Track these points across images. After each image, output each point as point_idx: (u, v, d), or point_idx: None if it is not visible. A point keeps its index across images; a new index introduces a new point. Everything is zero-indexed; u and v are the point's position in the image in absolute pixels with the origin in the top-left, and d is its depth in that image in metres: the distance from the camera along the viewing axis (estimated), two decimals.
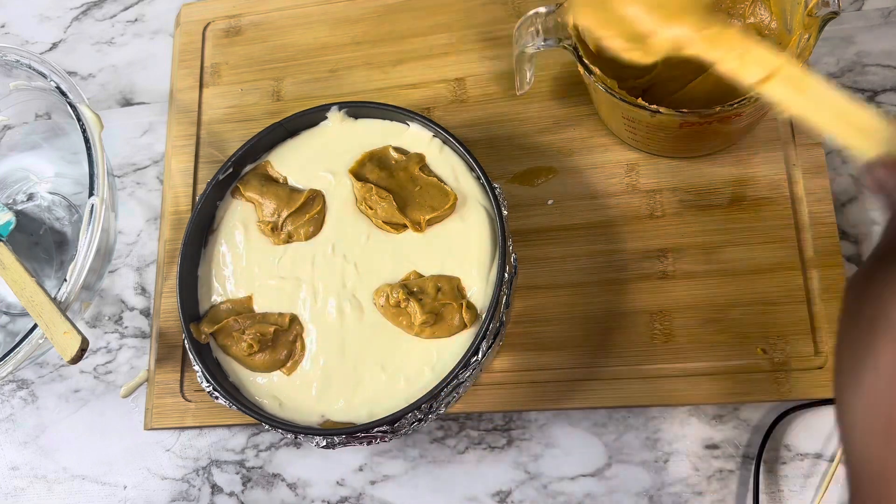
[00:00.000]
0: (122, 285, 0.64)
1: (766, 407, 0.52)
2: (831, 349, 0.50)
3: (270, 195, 0.54)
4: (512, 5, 0.62)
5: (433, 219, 0.51)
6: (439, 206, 0.51)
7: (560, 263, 0.55)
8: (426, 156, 0.53)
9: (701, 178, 0.55)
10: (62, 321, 0.51)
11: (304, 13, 0.66)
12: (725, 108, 0.46)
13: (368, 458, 0.56)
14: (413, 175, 0.52)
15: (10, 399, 0.63)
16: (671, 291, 0.53)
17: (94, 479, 0.60)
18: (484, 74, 0.61)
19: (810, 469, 0.50)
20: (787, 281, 0.52)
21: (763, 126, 0.55)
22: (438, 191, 0.51)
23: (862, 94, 0.56)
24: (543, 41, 0.50)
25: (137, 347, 0.62)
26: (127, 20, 0.72)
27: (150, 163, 0.67)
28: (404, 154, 0.53)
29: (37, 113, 0.66)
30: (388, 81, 0.63)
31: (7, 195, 0.66)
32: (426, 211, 0.51)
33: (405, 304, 0.49)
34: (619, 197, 0.56)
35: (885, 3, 0.58)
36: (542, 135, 0.59)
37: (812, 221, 0.53)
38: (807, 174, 0.54)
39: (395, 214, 0.51)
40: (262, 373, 0.51)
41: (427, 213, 0.51)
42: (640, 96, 0.47)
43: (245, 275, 0.53)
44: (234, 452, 0.58)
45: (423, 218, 0.51)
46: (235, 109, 0.65)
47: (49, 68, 0.57)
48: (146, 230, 0.65)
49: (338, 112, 0.55)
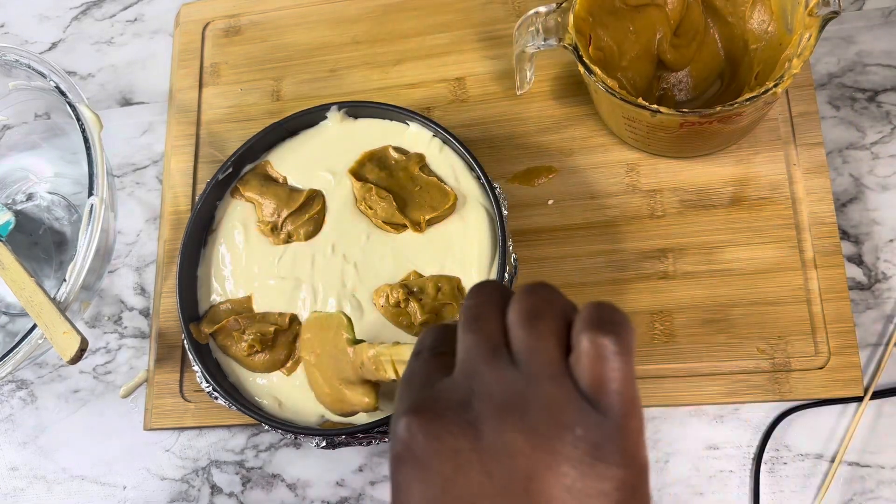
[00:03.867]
0: (121, 285, 0.64)
1: (766, 407, 0.51)
2: (831, 349, 0.50)
3: (270, 195, 0.54)
4: (512, 5, 0.62)
5: (433, 219, 0.51)
6: (439, 206, 0.51)
7: (560, 263, 0.55)
8: (426, 156, 0.53)
9: (701, 178, 0.55)
10: (61, 321, 0.51)
11: (304, 13, 0.66)
12: (725, 107, 0.46)
13: (368, 458, 0.56)
14: (413, 175, 0.52)
15: (9, 399, 0.63)
16: (671, 291, 0.53)
17: (94, 479, 0.60)
18: (484, 74, 0.61)
19: (810, 469, 0.50)
20: (788, 281, 0.52)
21: (763, 126, 0.55)
22: (438, 191, 0.51)
23: (862, 93, 0.56)
24: (543, 41, 0.50)
25: (137, 348, 0.62)
26: (126, 20, 0.72)
27: (150, 163, 0.67)
28: (404, 154, 0.53)
29: (36, 113, 0.66)
30: (388, 81, 0.63)
31: (6, 195, 0.66)
32: (426, 211, 0.51)
33: (405, 304, 0.49)
34: (620, 197, 0.56)
35: (886, 3, 0.58)
36: (542, 135, 0.58)
37: (812, 221, 0.53)
38: (807, 174, 0.54)
39: (395, 214, 0.51)
40: (261, 373, 0.51)
41: (427, 213, 0.51)
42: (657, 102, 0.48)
43: (245, 275, 0.53)
44: (233, 453, 0.58)
45: (423, 218, 0.51)
46: (235, 109, 0.65)
47: (48, 68, 0.57)
48: (146, 230, 0.65)
49: (337, 112, 0.55)
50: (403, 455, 0.27)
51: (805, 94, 0.55)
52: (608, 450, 0.24)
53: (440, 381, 0.28)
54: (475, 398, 0.26)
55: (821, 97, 0.56)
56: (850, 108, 0.56)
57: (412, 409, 0.27)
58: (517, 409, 0.25)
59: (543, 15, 0.50)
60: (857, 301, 0.52)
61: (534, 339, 0.27)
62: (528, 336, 0.27)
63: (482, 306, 0.29)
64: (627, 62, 0.53)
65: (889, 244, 0.53)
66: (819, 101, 0.56)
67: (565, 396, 0.25)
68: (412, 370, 0.30)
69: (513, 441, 0.25)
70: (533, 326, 0.27)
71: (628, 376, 0.26)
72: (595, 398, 0.25)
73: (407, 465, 0.27)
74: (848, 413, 0.51)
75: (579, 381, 0.26)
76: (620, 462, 0.25)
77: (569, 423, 0.25)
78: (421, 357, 0.30)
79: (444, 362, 0.29)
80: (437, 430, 0.26)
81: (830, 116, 0.56)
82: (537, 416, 0.25)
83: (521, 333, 0.27)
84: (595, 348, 0.25)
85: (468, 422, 0.26)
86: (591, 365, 0.25)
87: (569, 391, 0.25)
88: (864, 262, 0.53)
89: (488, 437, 0.25)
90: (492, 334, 0.28)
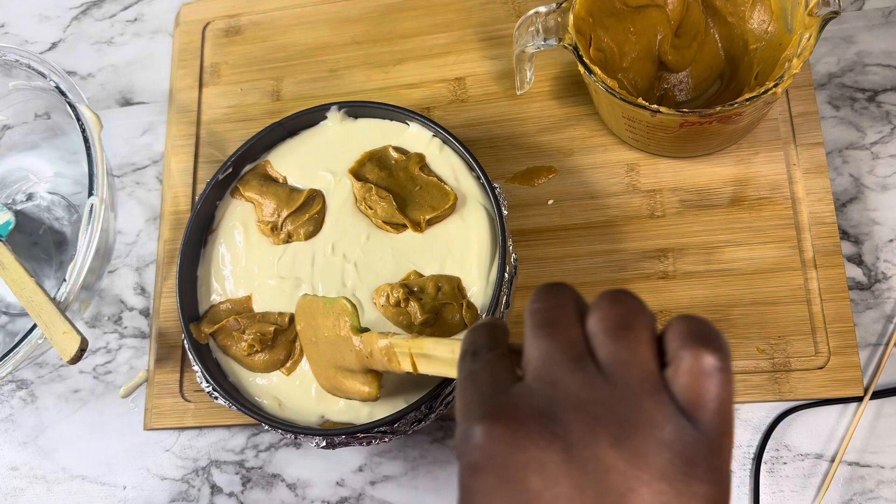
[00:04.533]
0: (121, 285, 0.64)
1: (766, 407, 0.51)
2: (831, 349, 0.50)
3: (270, 195, 0.54)
4: (512, 5, 0.62)
5: (433, 219, 0.51)
6: (439, 206, 0.51)
7: (560, 263, 0.55)
8: (426, 155, 0.53)
9: (701, 178, 0.55)
10: (61, 321, 0.51)
11: (304, 13, 0.66)
12: (725, 107, 0.46)
13: (368, 459, 0.56)
14: (413, 175, 0.52)
15: (9, 399, 0.63)
16: (671, 291, 0.53)
17: (94, 479, 0.60)
18: (484, 74, 0.61)
19: (810, 469, 0.50)
20: (788, 281, 0.52)
21: (763, 126, 0.55)
22: (438, 191, 0.51)
23: (862, 93, 0.56)
24: (543, 41, 0.50)
25: (137, 347, 0.62)
26: (126, 20, 0.72)
27: (150, 163, 0.67)
28: (404, 154, 0.53)
29: (36, 113, 0.66)
30: (388, 81, 0.63)
31: (6, 195, 0.66)
32: (426, 211, 0.51)
33: (405, 303, 0.49)
34: (619, 197, 0.56)
35: (886, 3, 0.58)
36: (542, 135, 0.58)
37: (812, 221, 0.53)
38: (807, 174, 0.54)
39: (395, 214, 0.51)
40: (261, 373, 0.51)
41: (427, 213, 0.51)
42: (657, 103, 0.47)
43: (244, 274, 0.53)
44: (233, 453, 0.58)
45: (423, 218, 0.51)
46: (235, 109, 0.65)
47: (48, 68, 0.57)
48: (145, 230, 0.65)
49: (337, 112, 0.55)
50: (483, 464, 0.25)
51: (805, 94, 0.55)
52: (702, 467, 0.24)
53: (512, 385, 0.27)
54: (560, 408, 0.25)
55: (821, 97, 0.56)
56: (850, 108, 0.56)
57: (491, 415, 0.26)
58: (611, 424, 0.25)
59: (543, 15, 0.50)
60: (857, 301, 0.52)
61: (626, 350, 0.26)
62: (620, 347, 0.26)
63: (556, 311, 0.28)
64: (628, 63, 0.53)
65: (889, 244, 0.53)
66: (819, 101, 0.56)
67: (664, 412, 0.25)
68: (473, 371, 0.29)
69: (606, 456, 0.24)
70: (623, 337, 0.26)
71: (728, 394, 0.25)
72: (692, 414, 0.25)
73: (487, 474, 0.25)
74: (848, 413, 0.51)
75: (676, 395, 0.25)
76: (712, 479, 0.24)
77: (667, 440, 0.24)
78: (481, 357, 0.29)
79: (507, 364, 0.29)
80: (522, 440, 0.25)
81: (830, 116, 0.56)
82: (634, 432, 0.24)
83: (610, 344, 0.26)
84: (698, 364, 0.25)
85: (554, 433, 0.25)
86: (692, 381, 0.25)
87: (667, 406, 0.25)
88: (864, 262, 0.53)
89: (579, 450, 0.24)
90: (573, 342, 0.27)
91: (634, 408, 0.25)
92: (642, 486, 0.24)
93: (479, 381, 0.28)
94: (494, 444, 0.25)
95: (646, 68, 0.54)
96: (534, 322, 0.28)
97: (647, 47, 0.53)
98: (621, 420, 0.25)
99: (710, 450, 0.25)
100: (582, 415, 0.25)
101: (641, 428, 0.24)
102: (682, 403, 0.25)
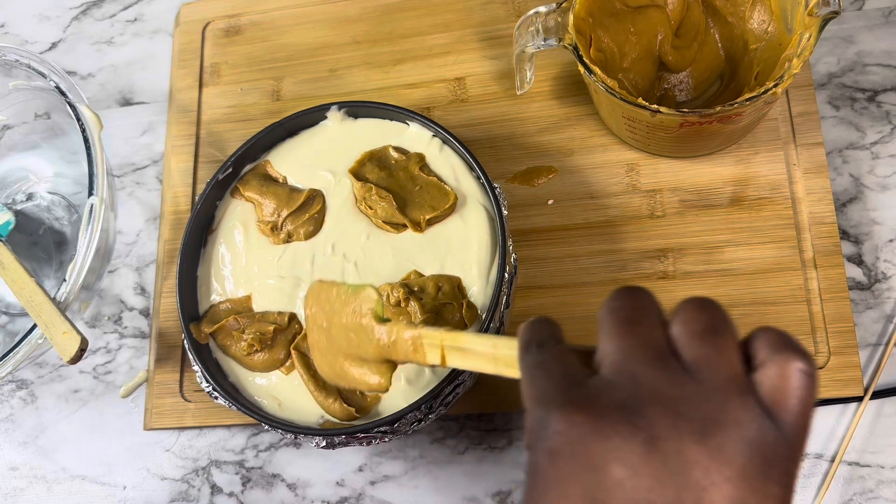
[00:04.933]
0: (121, 285, 0.64)
1: None
2: (831, 349, 0.50)
3: (270, 195, 0.54)
4: (512, 5, 0.62)
5: (433, 218, 0.51)
6: (439, 206, 0.51)
7: (560, 263, 0.55)
8: (426, 155, 0.53)
9: (701, 178, 0.55)
10: (61, 321, 0.51)
11: (304, 13, 0.66)
12: (725, 107, 0.46)
13: (368, 459, 0.56)
14: (413, 175, 0.52)
15: (9, 399, 0.63)
16: (671, 291, 0.53)
17: (94, 479, 0.60)
18: (484, 74, 0.61)
19: (810, 469, 0.50)
20: (787, 281, 0.52)
21: (763, 126, 0.55)
22: (438, 190, 0.51)
23: (862, 93, 0.56)
24: (543, 40, 0.50)
25: (137, 347, 0.62)
26: (126, 20, 0.72)
27: (150, 162, 0.67)
28: (404, 154, 0.53)
29: (36, 113, 0.66)
30: (388, 81, 0.63)
31: (6, 195, 0.66)
32: (426, 211, 0.51)
33: (405, 303, 0.49)
34: (619, 197, 0.56)
35: (886, 3, 0.58)
36: (542, 135, 0.58)
37: (812, 221, 0.53)
38: (807, 174, 0.54)
39: (395, 214, 0.51)
40: (260, 372, 0.51)
41: (427, 213, 0.51)
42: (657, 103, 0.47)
43: (244, 274, 0.53)
44: (233, 453, 0.58)
45: (423, 217, 0.51)
46: (235, 109, 0.65)
47: (48, 68, 0.57)
48: (145, 230, 0.65)
49: (337, 112, 0.55)
50: (563, 451, 0.26)
51: (805, 94, 0.55)
52: (778, 469, 0.25)
53: (588, 378, 0.28)
54: (642, 403, 0.26)
55: (821, 97, 0.56)
56: (850, 108, 0.56)
57: (573, 403, 0.26)
58: (695, 420, 0.25)
59: (543, 15, 0.50)
60: (857, 301, 0.52)
61: (714, 352, 0.27)
62: (708, 349, 0.27)
63: (638, 311, 0.29)
64: (629, 63, 0.53)
65: (889, 244, 0.53)
66: (819, 101, 0.56)
67: (751, 413, 0.25)
68: (543, 360, 0.30)
69: (689, 451, 0.25)
70: (711, 341, 0.27)
71: (812, 398, 0.26)
72: (776, 416, 0.26)
73: (566, 461, 0.26)
74: (848, 413, 0.51)
75: (763, 397, 0.26)
76: (784, 482, 0.25)
77: (751, 440, 0.25)
78: (550, 348, 0.30)
79: (577, 358, 0.29)
80: (606, 429, 0.25)
81: (830, 116, 0.56)
82: (718, 430, 0.25)
83: (697, 345, 0.27)
84: (789, 368, 0.26)
85: (636, 426, 0.25)
86: (782, 383, 0.26)
87: (754, 407, 0.26)
88: (864, 262, 0.53)
89: (662, 444, 0.25)
90: (656, 341, 0.28)
91: (721, 406, 0.26)
92: (723, 482, 0.24)
93: (550, 370, 0.29)
94: (575, 430, 0.26)
95: (646, 68, 0.54)
96: (614, 319, 0.29)
97: (648, 47, 0.53)
98: (706, 417, 0.25)
99: (787, 452, 0.25)
100: (665, 410, 0.26)
101: (727, 426, 0.25)
102: (767, 405, 0.26)
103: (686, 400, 0.26)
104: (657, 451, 0.25)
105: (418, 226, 0.51)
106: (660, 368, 0.27)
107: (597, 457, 0.25)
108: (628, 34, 0.53)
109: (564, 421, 0.26)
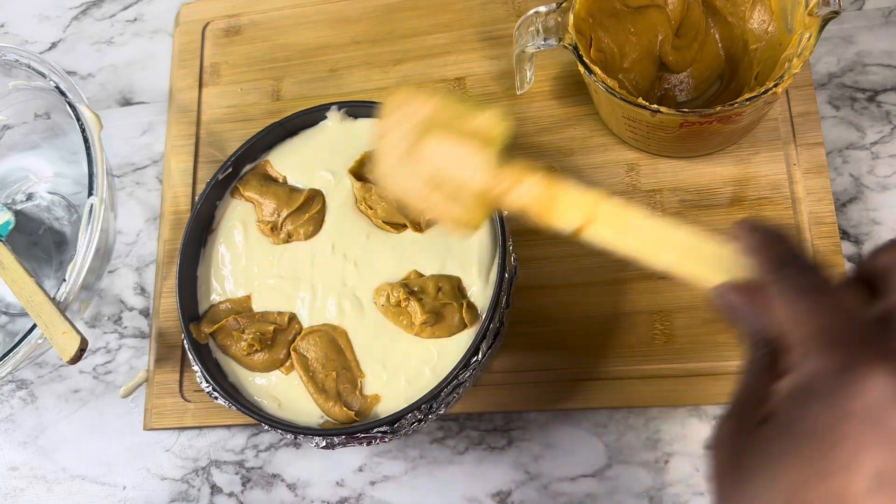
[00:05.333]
0: (121, 285, 0.64)
1: None
2: None
3: (270, 195, 0.54)
4: (512, 5, 0.62)
5: (433, 218, 0.51)
6: None
7: (560, 263, 0.55)
8: None
9: (701, 178, 0.55)
10: (61, 321, 0.51)
11: (304, 13, 0.66)
12: (725, 107, 0.46)
13: (368, 459, 0.56)
14: None
15: (9, 399, 0.63)
16: (671, 291, 0.53)
17: (94, 479, 0.60)
18: (484, 74, 0.61)
19: None
20: None
21: (763, 126, 0.55)
22: None
23: (862, 93, 0.56)
24: (543, 40, 0.50)
25: (137, 347, 0.62)
26: (126, 20, 0.72)
27: (150, 162, 0.67)
28: None
29: (36, 113, 0.66)
30: (388, 81, 0.63)
31: (6, 195, 0.66)
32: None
33: (406, 303, 0.49)
34: (620, 197, 0.56)
35: (886, 3, 0.58)
36: (542, 135, 0.58)
37: (812, 221, 0.53)
38: (807, 174, 0.54)
39: (395, 214, 0.51)
40: (260, 372, 0.51)
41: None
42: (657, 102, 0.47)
43: (244, 274, 0.53)
44: (233, 453, 0.58)
45: (423, 217, 0.51)
46: (235, 109, 0.65)
47: (48, 68, 0.57)
48: (145, 230, 0.65)
49: (337, 112, 0.55)
50: (865, 417, 0.23)
51: (805, 94, 0.55)
52: None
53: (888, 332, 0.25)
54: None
55: (821, 97, 0.56)
56: (850, 108, 0.56)
57: (888, 359, 0.24)
58: None
59: (543, 15, 0.50)
60: None
61: None
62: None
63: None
64: (629, 63, 0.53)
65: None
66: (819, 101, 0.56)
67: None
68: (828, 290, 0.27)
69: None
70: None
71: None
72: None
73: (870, 428, 0.23)
74: None
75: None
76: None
77: None
78: (828, 277, 0.27)
79: (857, 305, 0.27)
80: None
81: (830, 116, 0.56)
82: None
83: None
84: None
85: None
86: None
87: None
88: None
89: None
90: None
91: None
92: None
93: (845, 309, 0.27)
94: (890, 392, 0.23)
95: (646, 69, 0.54)
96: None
97: (648, 48, 0.53)
98: None
99: None
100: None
101: None
102: None
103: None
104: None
105: (418, 226, 0.51)
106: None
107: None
108: (628, 34, 0.53)
109: (882, 383, 0.23)
